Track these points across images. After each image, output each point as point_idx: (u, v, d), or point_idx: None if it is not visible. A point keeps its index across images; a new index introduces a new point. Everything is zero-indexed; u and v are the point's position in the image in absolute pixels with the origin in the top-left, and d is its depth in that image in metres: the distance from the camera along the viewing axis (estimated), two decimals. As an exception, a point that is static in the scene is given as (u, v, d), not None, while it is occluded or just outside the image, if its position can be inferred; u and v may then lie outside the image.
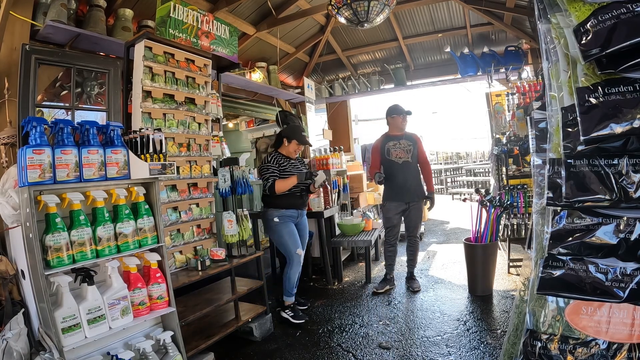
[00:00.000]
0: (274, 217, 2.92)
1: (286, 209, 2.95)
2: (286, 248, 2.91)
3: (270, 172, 2.91)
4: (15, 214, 1.73)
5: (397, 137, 3.45)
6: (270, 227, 2.97)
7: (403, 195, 3.39)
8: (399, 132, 3.46)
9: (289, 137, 3.01)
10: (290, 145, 3.01)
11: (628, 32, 1.00)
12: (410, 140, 3.44)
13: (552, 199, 1.22)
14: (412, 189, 3.40)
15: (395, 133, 3.47)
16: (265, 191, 2.95)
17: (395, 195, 3.42)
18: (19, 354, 1.54)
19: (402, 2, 4.55)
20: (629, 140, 1.05)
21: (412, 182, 3.40)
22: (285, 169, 2.96)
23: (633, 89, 1.05)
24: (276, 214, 2.93)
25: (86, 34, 2.63)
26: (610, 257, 1.12)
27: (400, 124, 3.45)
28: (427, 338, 2.48)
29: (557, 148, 1.24)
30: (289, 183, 2.90)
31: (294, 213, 2.99)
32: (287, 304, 2.92)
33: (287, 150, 3.02)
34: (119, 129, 1.84)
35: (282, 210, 2.93)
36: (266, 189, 2.91)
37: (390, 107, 3.51)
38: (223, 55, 3.29)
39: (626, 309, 1.12)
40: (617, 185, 1.09)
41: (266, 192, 2.94)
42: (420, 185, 3.48)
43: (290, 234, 2.92)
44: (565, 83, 1.21)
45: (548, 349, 1.21)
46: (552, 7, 1.23)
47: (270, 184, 2.88)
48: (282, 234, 2.91)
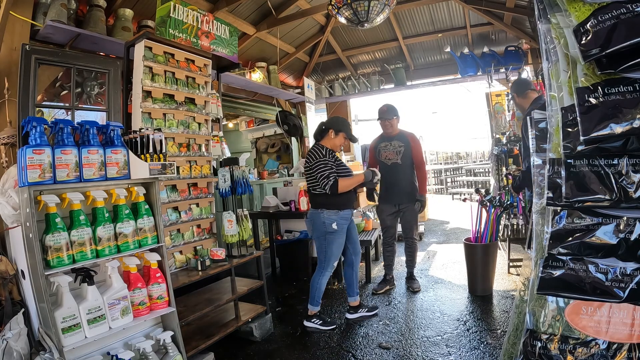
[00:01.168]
0: (333, 223, 2.64)
1: (345, 209, 2.70)
2: (328, 258, 2.70)
3: (329, 168, 2.62)
4: (15, 214, 1.73)
5: (390, 137, 3.37)
6: (322, 232, 2.68)
7: (392, 197, 3.35)
8: (392, 133, 3.36)
9: (336, 128, 2.74)
10: (338, 138, 2.74)
11: (628, 32, 1.00)
12: (402, 140, 3.32)
13: (552, 199, 1.22)
14: (402, 191, 3.32)
15: (388, 134, 3.38)
16: (314, 190, 2.70)
17: (385, 196, 3.40)
18: (19, 354, 1.54)
19: (402, 2, 4.55)
20: (629, 140, 1.05)
21: (402, 184, 3.31)
22: (340, 165, 2.71)
23: (633, 89, 1.05)
24: (335, 217, 2.65)
25: (86, 34, 2.63)
26: (610, 257, 1.12)
27: (383, 127, 3.37)
28: (427, 338, 2.48)
29: (557, 148, 1.24)
30: (353, 182, 2.67)
31: (348, 214, 2.75)
32: (313, 313, 2.74)
33: (333, 143, 2.75)
34: (119, 129, 1.84)
35: (340, 212, 2.67)
36: (325, 188, 2.61)
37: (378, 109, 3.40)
38: (223, 55, 3.29)
39: (626, 309, 1.12)
40: (617, 185, 1.09)
41: (317, 192, 2.69)
42: (412, 188, 3.33)
43: (340, 247, 2.73)
44: (565, 83, 1.21)
45: (548, 348, 1.21)
46: (552, 7, 1.23)
47: (333, 183, 2.59)
48: (333, 245, 2.68)
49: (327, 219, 2.65)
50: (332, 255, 2.70)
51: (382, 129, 3.42)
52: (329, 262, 2.71)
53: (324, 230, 2.67)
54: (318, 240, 2.74)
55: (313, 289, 2.74)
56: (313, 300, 2.74)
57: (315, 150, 2.69)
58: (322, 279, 2.72)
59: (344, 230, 2.73)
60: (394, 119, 3.33)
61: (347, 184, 2.65)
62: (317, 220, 2.69)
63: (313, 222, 2.75)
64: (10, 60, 2.26)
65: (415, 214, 3.35)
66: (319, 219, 2.68)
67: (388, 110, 3.32)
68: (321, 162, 2.63)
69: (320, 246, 2.73)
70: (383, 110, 3.33)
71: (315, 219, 2.71)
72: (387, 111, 3.31)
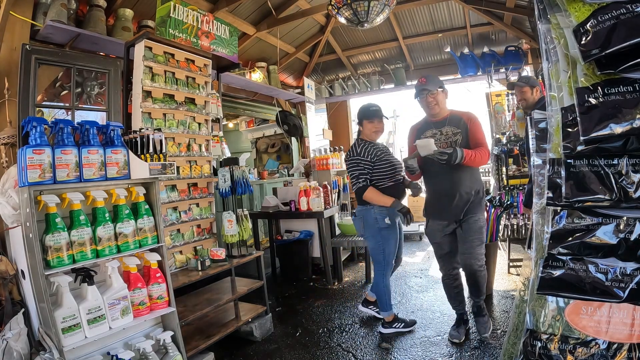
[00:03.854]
0: (386, 218, 2.44)
1: None
2: (387, 256, 2.51)
3: (361, 168, 2.44)
4: (15, 214, 1.73)
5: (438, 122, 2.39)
6: (376, 229, 2.48)
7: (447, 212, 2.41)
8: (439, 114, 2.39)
9: (359, 119, 2.57)
10: (366, 127, 2.53)
11: (628, 33, 1.00)
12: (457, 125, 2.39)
13: (552, 199, 1.22)
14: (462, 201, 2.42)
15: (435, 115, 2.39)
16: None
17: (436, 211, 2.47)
18: (19, 354, 1.54)
19: (402, 2, 4.55)
20: (628, 140, 1.05)
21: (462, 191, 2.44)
22: (381, 160, 2.49)
23: (633, 89, 1.05)
24: (387, 211, 2.42)
25: (86, 34, 2.63)
26: (610, 257, 1.12)
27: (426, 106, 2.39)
28: (427, 338, 2.48)
29: (557, 148, 1.24)
30: (380, 200, 2.41)
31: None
32: (390, 319, 2.56)
33: (367, 135, 2.54)
34: (119, 129, 1.84)
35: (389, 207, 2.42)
36: (353, 188, 2.51)
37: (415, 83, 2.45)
38: (223, 55, 3.29)
39: (626, 309, 1.12)
40: (617, 185, 1.09)
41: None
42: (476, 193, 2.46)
43: (397, 242, 2.54)
44: (565, 83, 1.21)
45: (548, 348, 1.21)
46: (552, 7, 1.23)
47: (361, 187, 2.42)
48: (390, 241, 2.49)
49: (378, 214, 2.45)
50: (389, 254, 2.51)
51: (424, 110, 2.41)
52: (388, 260, 2.51)
53: (377, 226, 2.47)
54: (373, 238, 2.52)
55: (381, 294, 2.56)
56: (385, 305, 2.56)
57: (352, 146, 2.55)
58: (386, 280, 2.53)
59: (399, 224, 2.57)
60: (439, 92, 2.31)
61: (373, 198, 2.42)
62: (369, 216, 2.49)
63: (364, 220, 2.53)
64: (10, 60, 2.26)
65: (481, 228, 2.33)
66: (370, 215, 2.48)
67: (429, 80, 2.33)
68: (353, 161, 2.48)
69: (376, 245, 2.52)
70: (421, 82, 2.33)
71: (366, 215, 2.51)
72: (427, 81, 2.31)
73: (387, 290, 2.55)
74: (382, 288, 2.55)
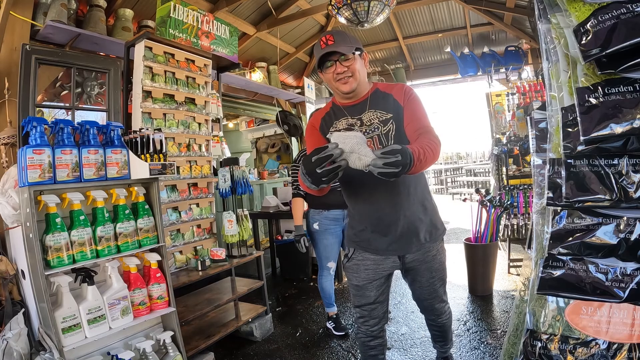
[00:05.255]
0: (315, 223, 2.64)
1: (331, 209, 2.62)
2: (321, 258, 2.69)
3: (295, 174, 2.66)
4: (15, 214, 1.73)
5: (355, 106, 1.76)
6: (310, 231, 2.71)
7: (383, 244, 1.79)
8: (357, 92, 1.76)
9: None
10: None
11: (628, 33, 1.00)
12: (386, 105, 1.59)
13: (552, 199, 1.22)
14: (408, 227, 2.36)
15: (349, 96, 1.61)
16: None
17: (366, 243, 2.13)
18: (19, 354, 1.54)
19: (402, 2, 4.55)
20: (629, 140, 1.05)
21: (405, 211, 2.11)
22: None
23: (633, 89, 1.05)
24: (317, 217, 2.64)
25: (86, 34, 2.63)
26: (610, 257, 1.12)
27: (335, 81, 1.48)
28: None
29: (557, 148, 1.24)
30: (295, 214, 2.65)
31: (336, 215, 2.63)
32: (330, 314, 2.73)
33: None
34: (119, 129, 1.84)
35: (324, 212, 2.62)
36: None
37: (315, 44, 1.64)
38: (223, 55, 3.29)
39: (626, 309, 1.12)
40: (617, 185, 1.08)
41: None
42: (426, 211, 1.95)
43: (327, 248, 2.65)
44: (565, 83, 1.21)
45: (548, 349, 1.21)
46: (552, 7, 1.23)
47: (294, 193, 2.67)
48: (319, 245, 2.67)
49: (310, 218, 2.67)
50: (322, 257, 2.67)
51: (331, 88, 1.51)
52: (322, 264, 2.68)
53: (309, 228, 2.71)
54: (312, 239, 2.75)
55: (320, 292, 2.74)
56: (324, 302, 2.74)
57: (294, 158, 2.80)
58: (322, 281, 2.69)
59: (330, 231, 2.62)
60: (355, 58, 1.43)
61: (294, 209, 2.67)
62: (307, 218, 2.74)
63: (306, 220, 2.79)
64: (11, 60, 2.26)
65: (442, 263, 1.63)
66: (307, 218, 2.74)
67: (339, 38, 1.39)
68: (293, 169, 2.71)
69: (314, 245, 2.76)
70: (328, 41, 1.38)
71: (305, 217, 2.77)
72: (336, 41, 1.38)
73: (324, 290, 2.69)
74: (319, 287, 2.71)
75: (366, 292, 1.59)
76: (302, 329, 2.78)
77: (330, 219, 2.62)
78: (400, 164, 1.05)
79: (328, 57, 1.41)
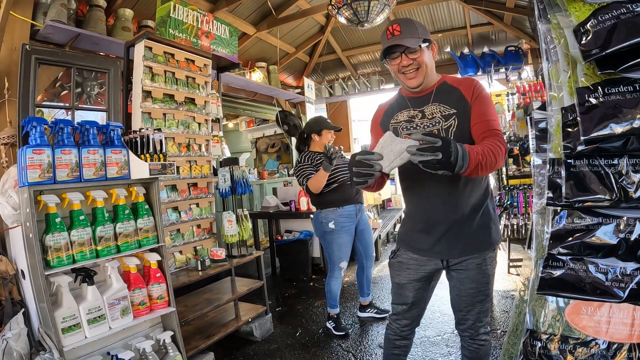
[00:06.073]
0: (330, 222, 2.58)
1: (345, 205, 2.59)
2: (334, 259, 2.65)
3: (302, 171, 2.61)
4: (15, 214, 1.73)
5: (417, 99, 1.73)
6: (322, 232, 2.66)
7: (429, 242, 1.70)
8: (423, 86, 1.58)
9: (317, 130, 2.70)
10: (323, 136, 2.68)
11: (628, 32, 1.00)
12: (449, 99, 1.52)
13: (552, 199, 1.22)
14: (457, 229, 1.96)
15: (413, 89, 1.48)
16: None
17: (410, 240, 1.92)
18: (19, 354, 1.54)
19: (402, 2, 4.55)
20: (629, 140, 1.05)
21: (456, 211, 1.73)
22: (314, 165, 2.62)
23: (633, 89, 1.05)
24: (332, 216, 2.58)
25: (86, 34, 2.63)
26: (610, 257, 1.12)
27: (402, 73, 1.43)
28: (427, 338, 2.48)
29: (557, 148, 1.24)
30: (319, 177, 2.50)
31: (349, 211, 2.62)
32: (331, 314, 2.72)
33: (321, 145, 2.66)
34: (119, 129, 1.84)
35: (339, 210, 2.58)
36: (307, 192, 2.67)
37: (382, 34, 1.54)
38: (223, 55, 3.29)
39: (626, 309, 1.12)
40: (617, 185, 1.08)
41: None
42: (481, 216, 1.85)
43: (342, 247, 2.63)
44: (565, 83, 1.21)
45: (548, 349, 1.21)
46: (552, 7, 1.23)
47: (305, 187, 2.59)
48: (333, 245, 2.62)
49: (324, 218, 2.61)
50: (335, 257, 2.62)
51: (398, 79, 1.49)
52: (333, 265, 2.65)
53: (322, 230, 2.64)
54: (323, 240, 2.71)
55: (327, 293, 2.71)
56: (328, 303, 2.72)
57: (297, 161, 2.71)
58: (331, 282, 2.66)
59: (346, 229, 2.61)
60: (423, 50, 1.39)
61: (314, 180, 2.50)
62: (317, 220, 2.68)
63: (314, 222, 2.74)
64: (10, 60, 2.26)
65: (488, 276, 1.50)
66: (318, 219, 2.66)
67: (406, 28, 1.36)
68: (297, 170, 2.64)
69: (325, 247, 2.70)
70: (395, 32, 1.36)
71: (315, 218, 2.70)
72: (403, 32, 1.35)
73: (331, 292, 2.67)
74: (327, 288, 2.70)
75: (405, 292, 1.55)
76: (302, 329, 2.78)
77: (344, 216, 2.60)
78: (440, 150, 1.05)
79: (394, 48, 1.38)
